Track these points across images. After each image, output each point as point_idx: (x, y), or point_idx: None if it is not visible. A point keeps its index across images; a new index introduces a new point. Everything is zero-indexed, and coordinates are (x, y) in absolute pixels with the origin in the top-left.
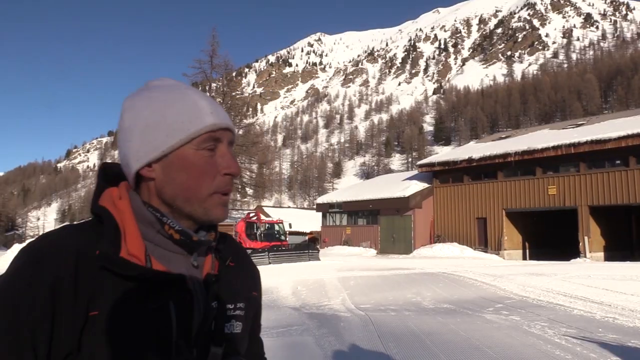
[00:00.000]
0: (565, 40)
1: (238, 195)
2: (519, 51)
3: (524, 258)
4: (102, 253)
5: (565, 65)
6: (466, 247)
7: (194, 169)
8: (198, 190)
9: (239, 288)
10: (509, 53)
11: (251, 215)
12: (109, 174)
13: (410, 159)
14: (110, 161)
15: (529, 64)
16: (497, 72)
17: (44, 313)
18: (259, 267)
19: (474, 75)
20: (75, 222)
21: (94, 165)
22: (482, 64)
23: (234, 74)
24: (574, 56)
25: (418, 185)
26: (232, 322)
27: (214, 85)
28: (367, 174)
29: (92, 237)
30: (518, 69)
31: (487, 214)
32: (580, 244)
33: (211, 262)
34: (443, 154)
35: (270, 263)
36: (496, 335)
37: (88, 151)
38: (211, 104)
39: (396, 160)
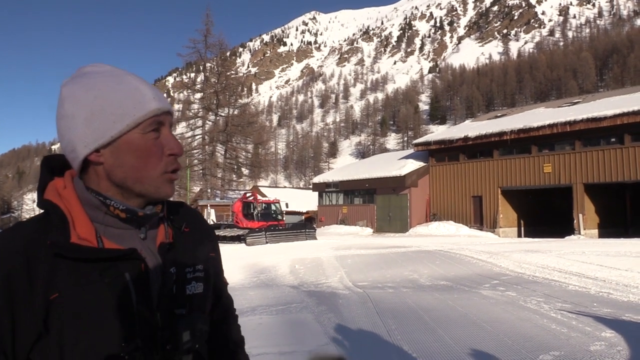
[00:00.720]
0: (561, 18)
1: (234, 176)
2: (515, 29)
3: (519, 235)
4: (52, 242)
5: (562, 43)
6: (462, 225)
7: (141, 152)
8: (147, 171)
9: (196, 251)
10: (505, 31)
11: (248, 195)
12: (53, 166)
13: (406, 138)
14: (53, 153)
15: (525, 42)
16: (493, 50)
17: (2, 304)
18: (256, 247)
19: (469, 54)
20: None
21: None
22: (478, 42)
23: (228, 53)
24: (570, 34)
25: (414, 164)
26: (193, 283)
27: (208, 65)
28: (362, 153)
29: (42, 227)
30: (514, 47)
31: (483, 192)
32: (575, 221)
33: (164, 231)
34: (439, 132)
35: (267, 242)
36: (493, 311)
37: None
38: (152, 89)
39: (392, 140)
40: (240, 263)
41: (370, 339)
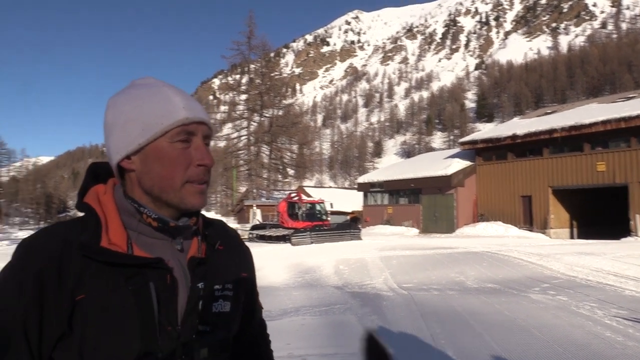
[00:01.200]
0: (614, 10)
1: (279, 176)
2: (565, 22)
3: (572, 237)
4: (82, 244)
5: (615, 36)
6: (511, 225)
7: (167, 160)
8: (172, 180)
9: (227, 270)
10: (554, 25)
11: (292, 195)
12: (99, 173)
13: (452, 137)
14: (100, 161)
15: (576, 36)
16: (541, 45)
17: (32, 300)
18: (300, 247)
19: (517, 49)
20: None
21: None
22: (526, 37)
23: (272, 54)
24: (623, 26)
25: (460, 163)
26: (220, 302)
27: (252, 66)
28: (408, 152)
29: (78, 229)
30: (564, 41)
31: (533, 192)
32: (632, 222)
33: (197, 245)
34: (486, 130)
35: (312, 242)
36: (543, 316)
37: None
38: (185, 99)
39: (437, 138)
40: (285, 263)
41: (414, 343)
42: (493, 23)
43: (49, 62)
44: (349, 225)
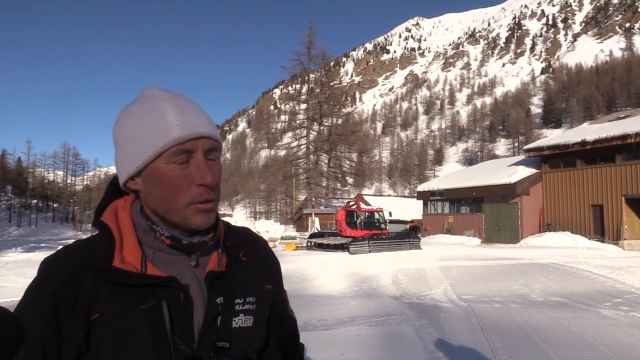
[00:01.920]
0: None
1: (338, 184)
2: None
3: None
4: (94, 264)
5: None
6: (580, 236)
7: (166, 182)
8: (174, 202)
9: (250, 282)
10: (627, 25)
11: (351, 203)
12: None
13: (516, 144)
14: None
15: None
16: (613, 46)
17: (48, 320)
18: (358, 256)
19: (586, 52)
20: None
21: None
22: (596, 39)
23: (331, 64)
24: None
25: (525, 171)
26: (241, 316)
27: (312, 76)
28: (470, 160)
29: (93, 248)
30: (639, 41)
31: (604, 201)
32: None
33: (217, 259)
34: (553, 137)
35: (370, 251)
36: (614, 333)
37: None
38: (180, 115)
39: (501, 145)
40: (342, 272)
41: (473, 358)
42: (560, 25)
43: (119, 75)
44: (408, 234)
